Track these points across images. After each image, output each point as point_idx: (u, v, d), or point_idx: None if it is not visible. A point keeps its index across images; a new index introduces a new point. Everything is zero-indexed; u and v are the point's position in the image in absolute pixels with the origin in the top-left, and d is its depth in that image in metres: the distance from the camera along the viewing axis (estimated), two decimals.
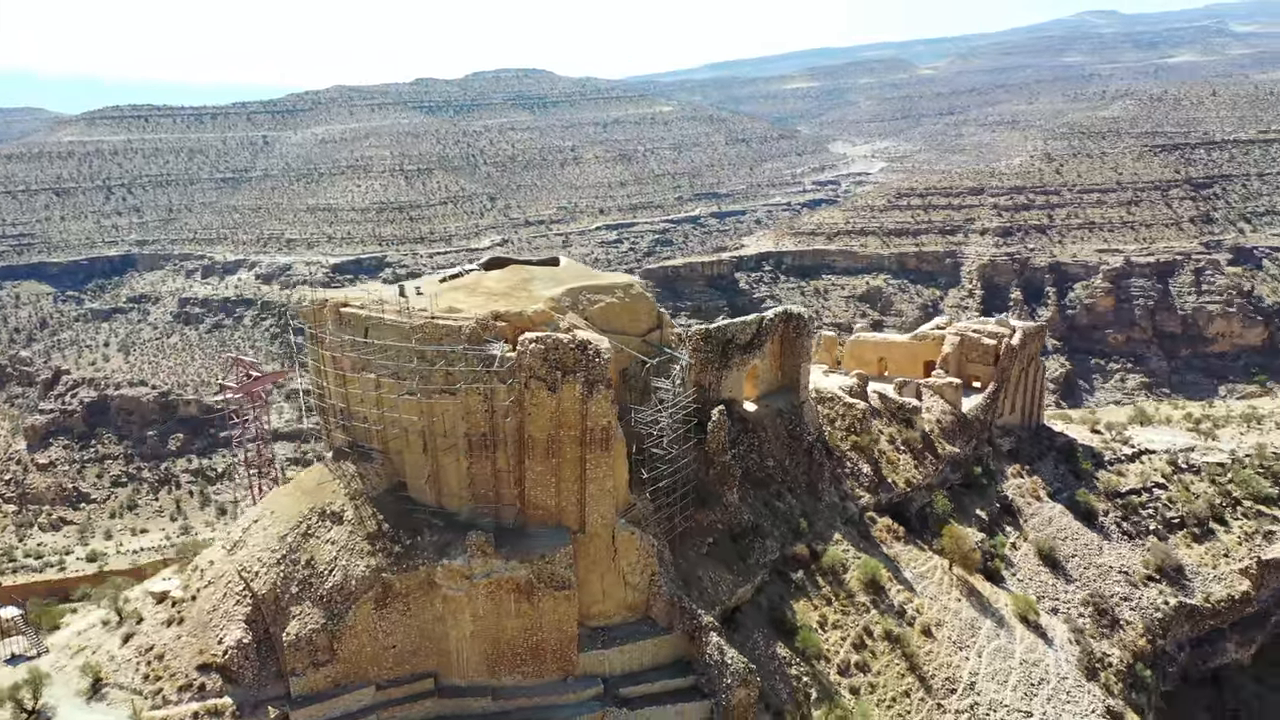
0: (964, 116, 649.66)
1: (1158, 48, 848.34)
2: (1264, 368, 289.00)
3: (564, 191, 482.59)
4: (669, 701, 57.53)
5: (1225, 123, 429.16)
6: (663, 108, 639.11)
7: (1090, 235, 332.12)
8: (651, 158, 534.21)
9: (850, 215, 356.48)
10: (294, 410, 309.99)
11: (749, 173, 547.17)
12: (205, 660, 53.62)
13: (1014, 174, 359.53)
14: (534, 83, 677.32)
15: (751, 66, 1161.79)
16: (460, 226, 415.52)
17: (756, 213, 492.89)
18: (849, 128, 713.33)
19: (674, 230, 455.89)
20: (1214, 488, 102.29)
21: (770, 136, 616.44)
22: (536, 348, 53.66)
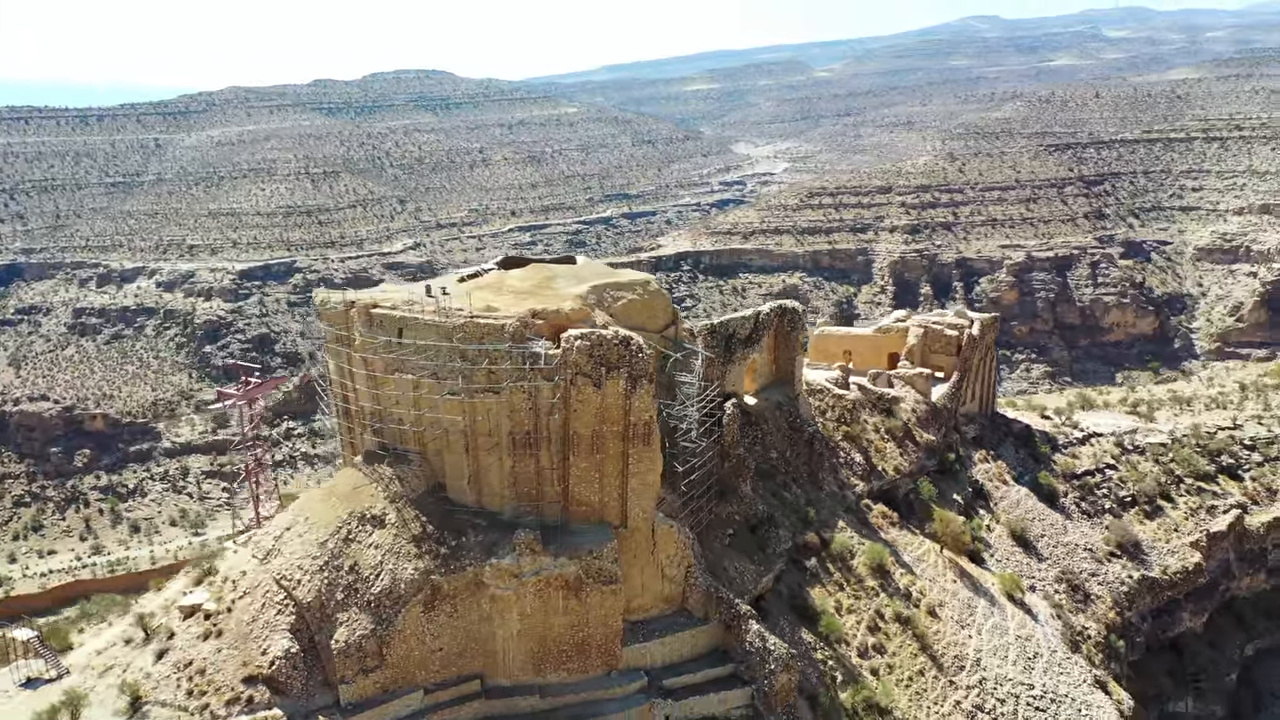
0: (861, 118, 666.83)
1: (1038, 51, 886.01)
2: (1156, 355, 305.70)
3: (474, 194, 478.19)
4: (711, 690, 58.51)
5: (1109, 123, 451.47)
6: (567, 109, 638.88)
7: (993, 231, 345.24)
8: (560, 159, 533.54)
9: (765, 215, 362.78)
10: (207, 423, 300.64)
11: (657, 174, 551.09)
12: (250, 672, 52.25)
13: (919, 173, 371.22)
14: (436, 84, 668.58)
15: (650, 68, 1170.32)
16: (371, 230, 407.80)
17: (667, 213, 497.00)
18: (750, 129, 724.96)
19: (587, 231, 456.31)
20: (1158, 467, 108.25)
21: (675, 138, 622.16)
22: (582, 344, 53.95)
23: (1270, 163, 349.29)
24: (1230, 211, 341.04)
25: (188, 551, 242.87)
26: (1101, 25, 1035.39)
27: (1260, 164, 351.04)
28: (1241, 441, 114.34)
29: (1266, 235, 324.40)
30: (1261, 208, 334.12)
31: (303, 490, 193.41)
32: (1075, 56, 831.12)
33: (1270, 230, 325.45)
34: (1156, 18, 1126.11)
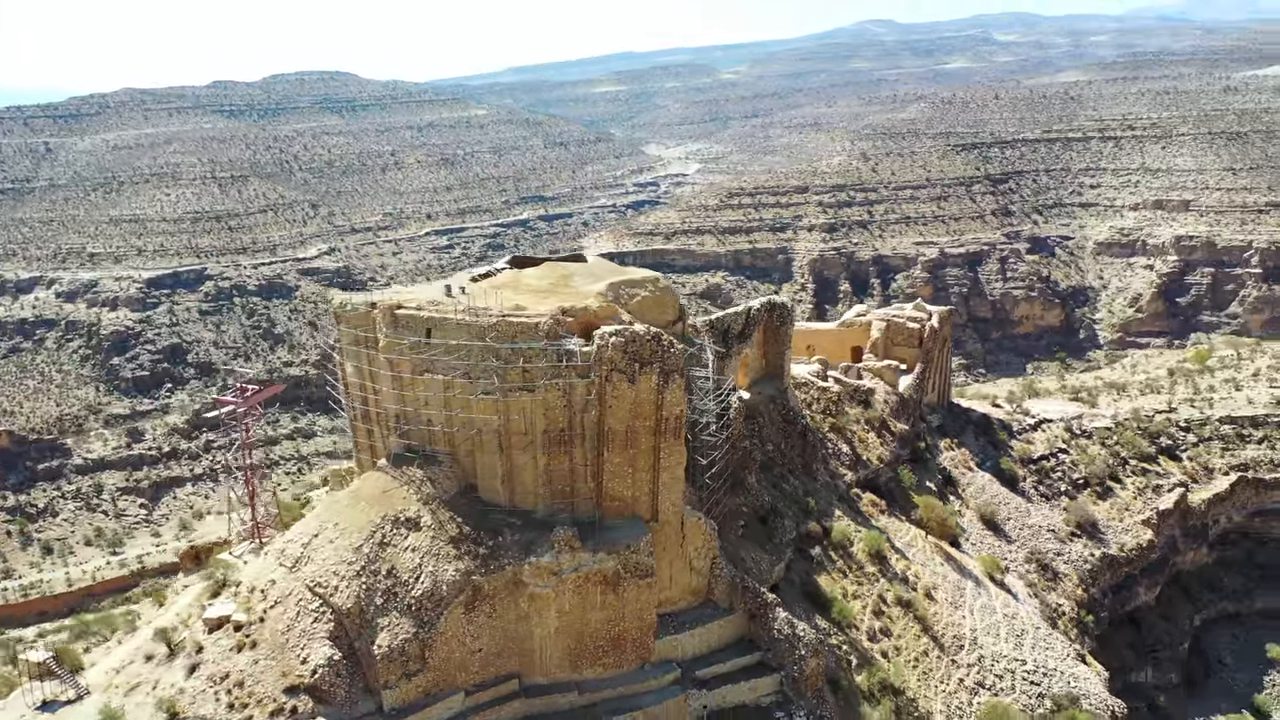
0: (769, 119, 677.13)
1: (934, 55, 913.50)
2: (1063, 345, 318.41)
3: (388, 197, 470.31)
4: (741, 679, 59.55)
5: (1008, 123, 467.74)
6: (477, 111, 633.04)
7: (907, 229, 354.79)
8: (473, 162, 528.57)
9: (686, 215, 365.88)
10: (120, 438, 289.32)
11: (571, 175, 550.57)
12: (292, 682, 51.23)
13: (834, 173, 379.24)
14: (340, 85, 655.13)
15: (555, 70, 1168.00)
16: (284, 235, 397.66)
17: (584, 215, 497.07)
18: (660, 130, 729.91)
19: (505, 234, 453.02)
20: (1105, 450, 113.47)
21: (587, 139, 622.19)
22: (617, 340, 54.39)
23: (1161, 160, 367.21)
24: (1126, 207, 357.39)
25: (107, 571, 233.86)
26: (992, 30, 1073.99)
27: (1152, 162, 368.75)
28: (1177, 424, 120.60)
29: (1160, 230, 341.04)
30: (1155, 203, 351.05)
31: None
32: (969, 60, 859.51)
33: (1164, 225, 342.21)
34: (1043, 23, 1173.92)
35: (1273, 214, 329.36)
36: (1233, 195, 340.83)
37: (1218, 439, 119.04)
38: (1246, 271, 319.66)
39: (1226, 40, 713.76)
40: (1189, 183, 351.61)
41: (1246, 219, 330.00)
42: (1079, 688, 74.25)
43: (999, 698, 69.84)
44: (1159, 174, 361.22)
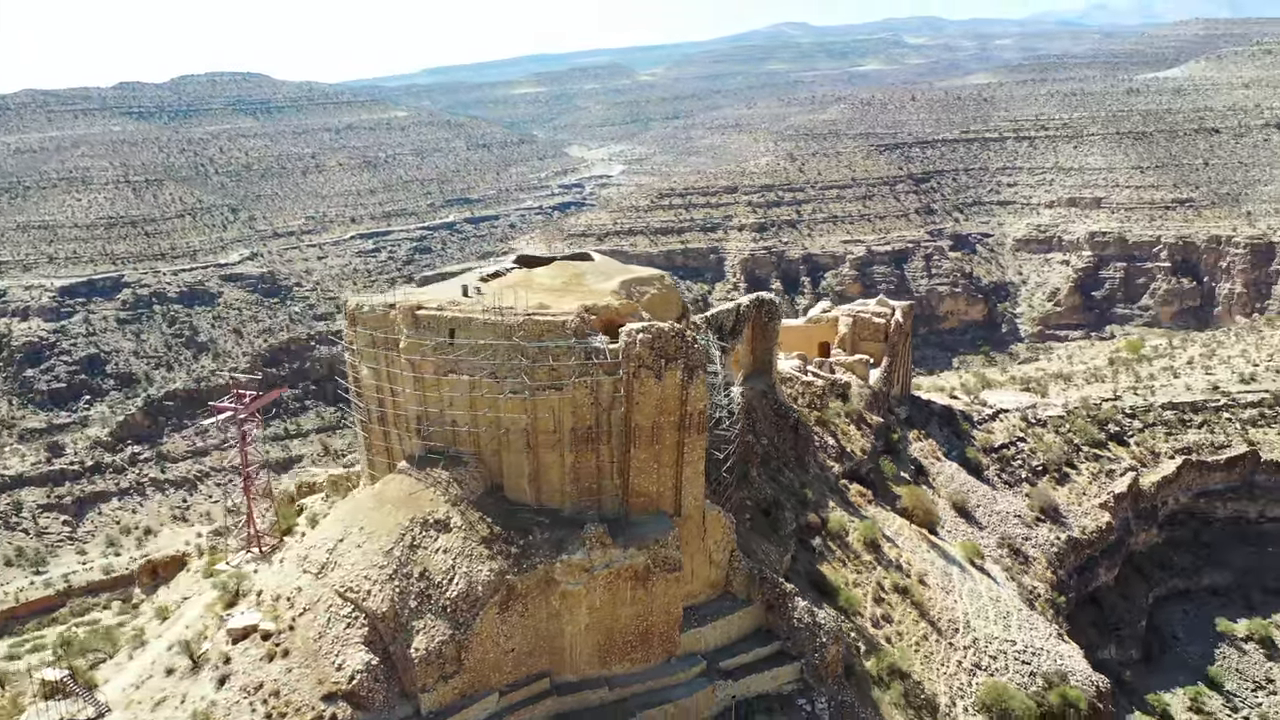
0: (691, 120, 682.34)
1: (848, 57, 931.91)
2: (986, 339, 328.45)
3: (309, 200, 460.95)
4: (763, 668, 60.55)
5: (924, 124, 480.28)
6: (396, 113, 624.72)
7: (835, 228, 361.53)
8: (396, 164, 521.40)
9: (617, 216, 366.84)
10: (38, 452, 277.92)
11: (496, 178, 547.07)
12: (329, 690, 50.47)
13: (762, 173, 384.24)
14: (254, 87, 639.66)
15: (471, 71, 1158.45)
16: (204, 241, 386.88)
17: (510, 217, 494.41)
18: (582, 132, 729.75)
19: (432, 237, 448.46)
20: (1059, 437, 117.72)
21: (510, 141, 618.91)
22: (644, 337, 54.86)
23: (1073, 160, 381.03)
24: (1042, 205, 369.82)
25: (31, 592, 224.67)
26: (902, 33, 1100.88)
27: (1065, 161, 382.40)
28: (1123, 411, 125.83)
29: (1075, 226, 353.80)
30: (1069, 201, 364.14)
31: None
32: (882, 62, 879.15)
33: (1078, 222, 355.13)
34: (950, 26, 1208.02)
35: (1179, 210, 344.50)
36: (1141, 193, 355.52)
37: (1161, 425, 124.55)
38: (1156, 265, 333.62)
39: (1124, 44, 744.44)
40: (1100, 181, 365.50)
41: (1155, 215, 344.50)
42: (1064, 665, 77.14)
43: (995, 678, 72.19)
44: (1071, 173, 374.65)
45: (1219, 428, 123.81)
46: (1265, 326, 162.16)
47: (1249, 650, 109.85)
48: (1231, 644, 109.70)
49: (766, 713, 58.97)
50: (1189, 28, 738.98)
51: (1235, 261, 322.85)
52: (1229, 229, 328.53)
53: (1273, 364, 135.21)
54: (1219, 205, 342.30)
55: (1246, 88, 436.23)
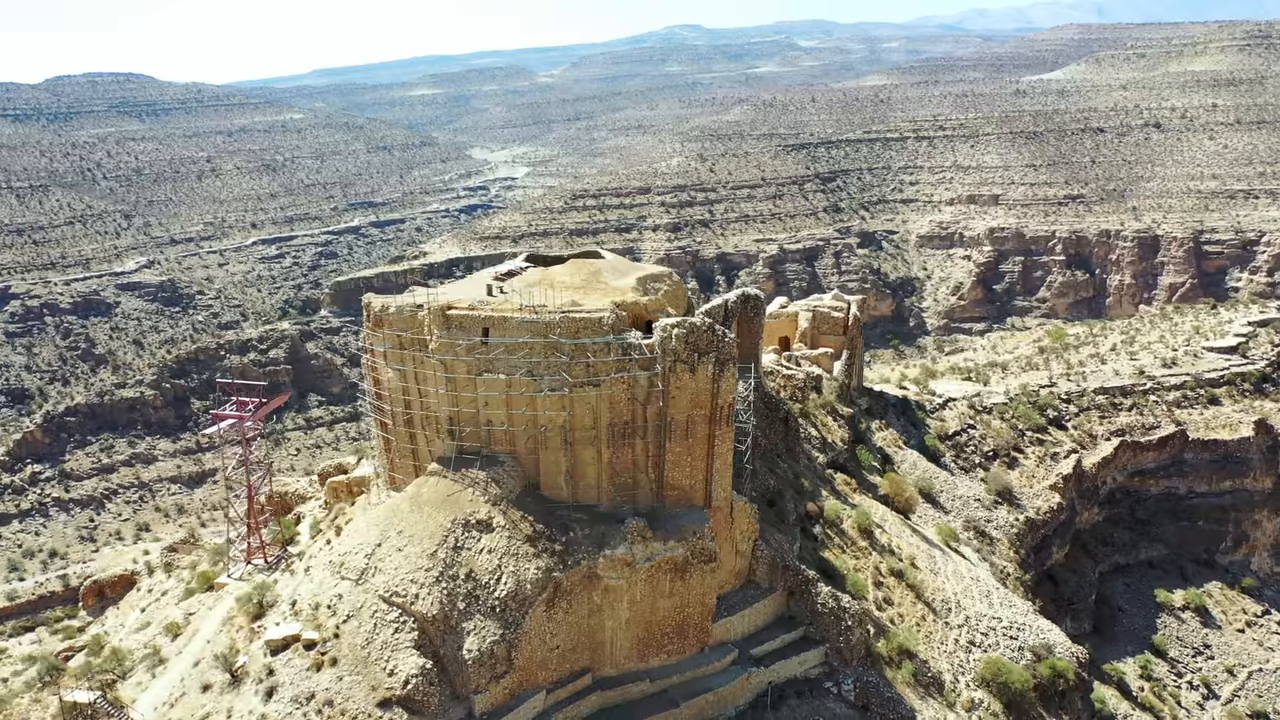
0: (593, 122, 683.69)
1: (743, 59, 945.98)
2: (895, 333, 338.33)
3: (206, 205, 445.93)
4: (791, 654, 61.88)
5: (825, 125, 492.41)
6: (292, 115, 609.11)
7: (747, 227, 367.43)
8: (296, 167, 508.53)
9: (531, 218, 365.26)
10: None
11: (400, 181, 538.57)
12: (383, 696, 49.66)
13: (674, 174, 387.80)
14: (137, 88, 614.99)
15: (363, 73, 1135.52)
16: (97, 248, 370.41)
17: (416, 220, 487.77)
18: (483, 134, 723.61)
19: (337, 242, 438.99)
20: (1005, 423, 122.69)
21: (411, 144, 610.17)
22: (679, 332, 55.55)
23: (971, 158, 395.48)
24: (943, 203, 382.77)
25: None
26: (794, 35, 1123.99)
27: (963, 159, 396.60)
28: (1059, 396, 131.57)
29: (975, 222, 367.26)
30: (968, 198, 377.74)
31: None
32: (777, 64, 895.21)
33: (977, 218, 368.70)
34: (839, 29, 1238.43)
35: (1070, 206, 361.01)
36: (1035, 190, 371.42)
37: (1094, 408, 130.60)
38: (1052, 259, 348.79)
39: (1005, 48, 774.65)
40: (997, 179, 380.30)
41: (1049, 211, 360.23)
42: (1047, 638, 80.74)
43: (989, 654, 75.14)
44: (970, 171, 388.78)
45: (1147, 410, 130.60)
46: (1175, 314, 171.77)
47: (1186, 619, 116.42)
48: (1171, 613, 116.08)
49: (797, 696, 60.30)
50: (1065, 32, 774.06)
51: (1124, 254, 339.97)
52: (1117, 223, 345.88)
53: (1189, 349, 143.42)
54: (1107, 201, 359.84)
55: (1124, 89, 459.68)
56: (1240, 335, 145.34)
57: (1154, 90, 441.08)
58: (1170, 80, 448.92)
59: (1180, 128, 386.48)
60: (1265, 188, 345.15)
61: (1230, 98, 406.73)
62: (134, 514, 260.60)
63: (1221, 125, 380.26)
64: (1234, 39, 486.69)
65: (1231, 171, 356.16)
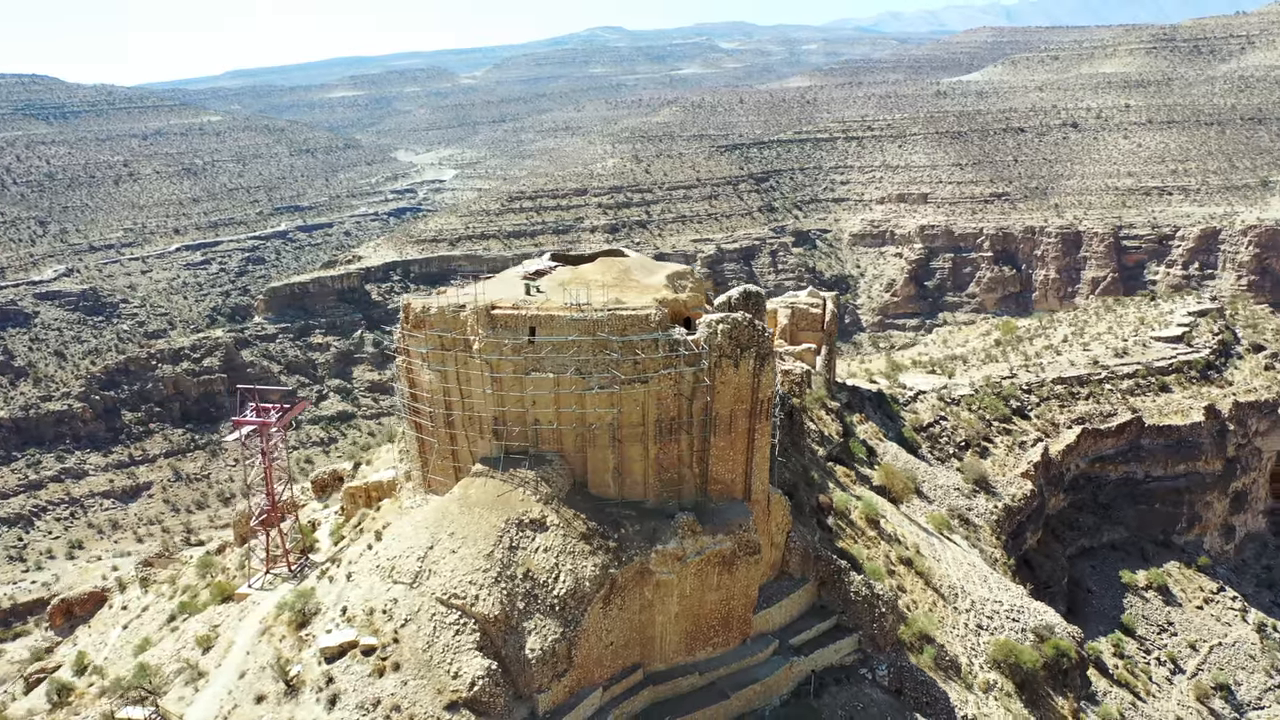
0: (519, 124, 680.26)
1: (666, 61, 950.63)
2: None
3: (125, 211, 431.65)
4: (827, 643, 62.99)
5: (754, 125, 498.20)
6: (209, 117, 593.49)
7: (684, 227, 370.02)
8: (218, 171, 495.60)
9: (468, 220, 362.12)
10: None
11: (325, 184, 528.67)
12: (449, 699, 49.20)
13: (610, 175, 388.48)
14: (43, 90, 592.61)
15: (279, 74, 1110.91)
16: (10, 257, 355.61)
17: (345, 224, 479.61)
18: (407, 136, 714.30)
19: (264, 247, 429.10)
20: (973, 414, 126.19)
21: (335, 146, 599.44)
22: (724, 327, 56.20)
23: (899, 158, 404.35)
24: (874, 201, 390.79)
25: None
26: (715, 37, 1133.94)
27: (891, 159, 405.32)
28: (1020, 387, 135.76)
29: (905, 220, 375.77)
30: (898, 197, 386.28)
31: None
32: (700, 66, 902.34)
33: (908, 216, 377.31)
34: (759, 31, 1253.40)
35: (996, 204, 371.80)
36: (962, 188, 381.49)
37: (1054, 398, 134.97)
38: (980, 255, 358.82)
39: (921, 50, 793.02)
40: (925, 178, 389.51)
41: (976, 209, 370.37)
42: (1044, 620, 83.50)
43: (997, 636, 77.41)
44: (899, 170, 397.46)
45: (1103, 398, 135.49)
46: (1118, 306, 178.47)
47: (1150, 598, 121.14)
48: (1135, 593, 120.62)
49: (836, 684, 61.44)
50: (978, 35, 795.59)
51: (1048, 250, 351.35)
52: (1041, 220, 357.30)
53: (1138, 339, 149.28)
54: (1031, 199, 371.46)
55: (1040, 90, 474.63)
56: (1183, 325, 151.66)
57: (1068, 91, 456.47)
58: (1083, 82, 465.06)
59: (1096, 127, 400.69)
60: (1178, 184, 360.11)
61: (1141, 98, 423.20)
62: (65, 531, 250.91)
63: (1135, 125, 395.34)
64: (1140, 42, 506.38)
65: (1146, 169, 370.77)
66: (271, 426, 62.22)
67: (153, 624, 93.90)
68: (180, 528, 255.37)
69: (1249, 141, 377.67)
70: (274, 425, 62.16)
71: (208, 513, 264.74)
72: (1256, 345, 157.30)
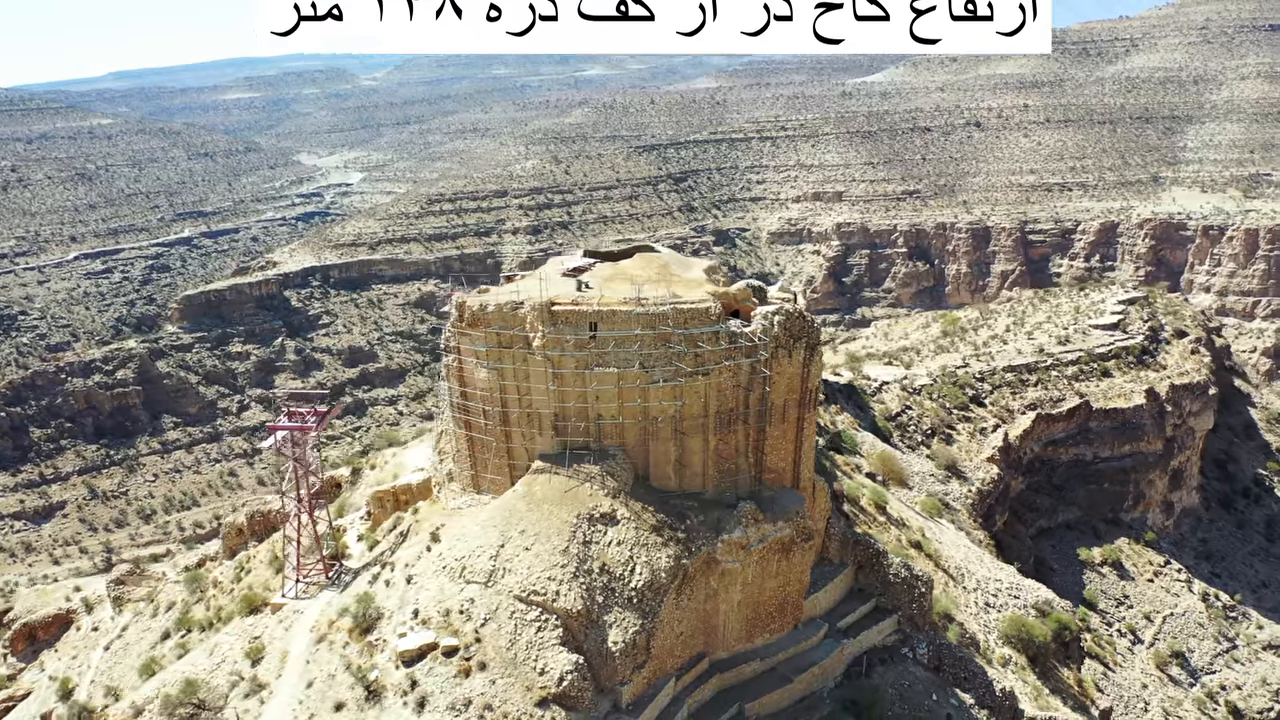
0: (425, 126, 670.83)
1: (570, 62, 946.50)
2: None
3: (16, 219, 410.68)
4: (870, 624, 64.65)
5: (666, 126, 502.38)
6: (100, 120, 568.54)
7: (606, 227, 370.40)
8: (114, 176, 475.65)
9: (388, 224, 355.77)
10: None
11: (228, 189, 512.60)
12: (540, 695, 48.99)
13: (530, 176, 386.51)
14: None
15: (166, 75, 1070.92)
16: None
17: (251, 230, 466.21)
18: (309, 139, 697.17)
19: (168, 254, 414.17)
20: (934, 403, 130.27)
21: (235, 150, 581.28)
22: (780, 319, 57.26)
23: (813, 157, 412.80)
24: (790, 200, 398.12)
25: None
26: None
27: (805, 158, 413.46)
28: (974, 376, 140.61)
29: (822, 218, 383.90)
30: (814, 195, 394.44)
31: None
32: (605, 67, 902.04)
33: (824, 214, 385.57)
34: None
35: (909, 201, 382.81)
36: (875, 186, 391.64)
37: (1006, 385, 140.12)
38: (895, 251, 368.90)
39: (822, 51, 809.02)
40: (839, 176, 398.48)
41: (890, 206, 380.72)
42: (1041, 595, 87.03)
43: (1002, 613, 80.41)
44: (813, 169, 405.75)
45: (1051, 384, 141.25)
46: (1049, 297, 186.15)
47: (1106, 573, 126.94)
48: (1093, 569, 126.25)
49: (881, 664, 63.14)
50: None
51: (959, 245, 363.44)
52: (952, 216, 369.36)
53: (1078, 327, 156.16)
54: (941, 195, 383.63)
55: (942, 91, 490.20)
56: (1116, 313, 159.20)
57: (969, 92, 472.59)
58: (982, 83, 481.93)
59: (998, 126, 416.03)
60: (1077, 181, 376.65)
61: (1037, 99, 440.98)
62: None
63: (1034, 124, 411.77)
64: None
65: (1047, 166, 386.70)
66: (311, 431, 60.61)
67: (143, 642, 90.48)
68: (100, 548, 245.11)
69: (1138, 139, 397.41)
70: (314, 430, 60.58)
71: (128, 530, 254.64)
72: (1179, 331, 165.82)
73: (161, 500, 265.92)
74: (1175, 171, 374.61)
